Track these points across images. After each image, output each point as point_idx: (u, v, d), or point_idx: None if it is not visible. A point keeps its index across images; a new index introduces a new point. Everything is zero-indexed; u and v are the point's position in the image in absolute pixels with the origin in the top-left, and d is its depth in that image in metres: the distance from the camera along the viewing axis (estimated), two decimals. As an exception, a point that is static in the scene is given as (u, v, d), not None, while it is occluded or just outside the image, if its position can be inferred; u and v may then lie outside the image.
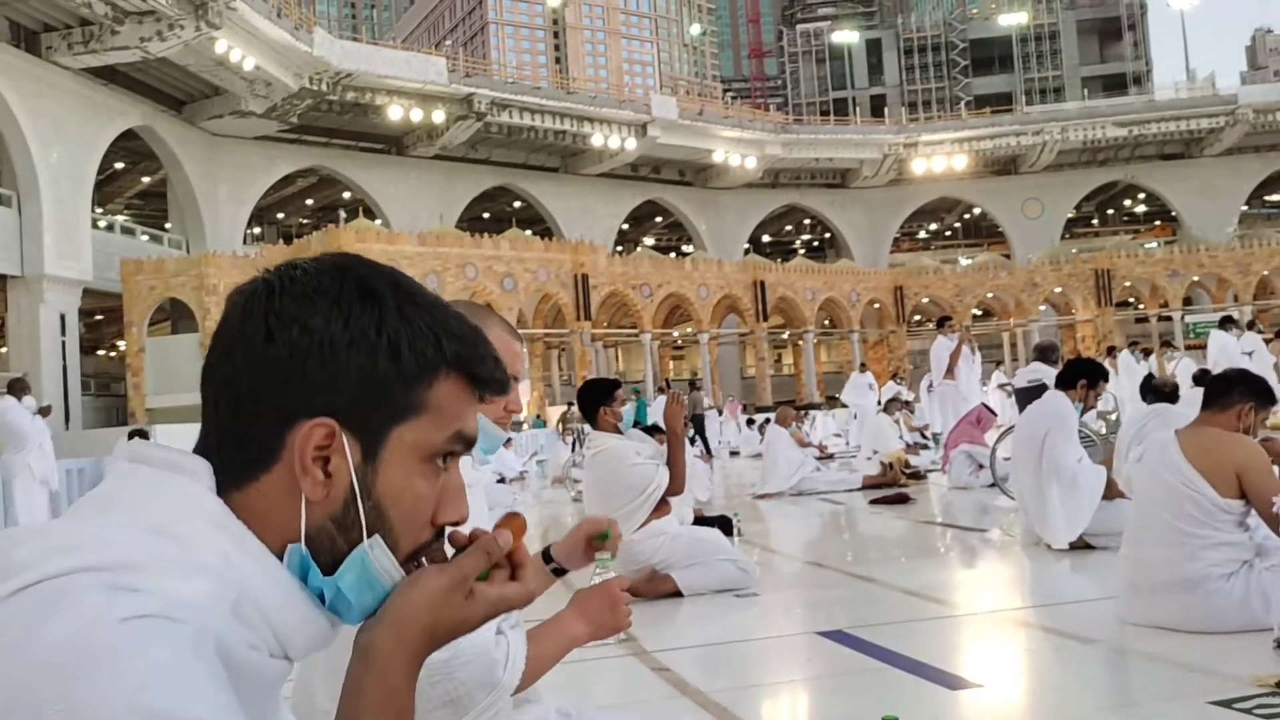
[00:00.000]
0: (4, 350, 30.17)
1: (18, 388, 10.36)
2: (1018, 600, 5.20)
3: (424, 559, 0.93)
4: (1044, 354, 9.66)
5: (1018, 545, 6.28)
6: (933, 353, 12.49)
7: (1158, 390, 7.65)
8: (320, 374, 0.86)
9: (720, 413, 27.46)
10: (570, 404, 30.29)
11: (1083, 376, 5.97)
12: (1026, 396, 8.62)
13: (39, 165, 26.77)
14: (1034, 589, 5.37)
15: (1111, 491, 5.72)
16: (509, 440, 15.14)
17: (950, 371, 11.47)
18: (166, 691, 0.70)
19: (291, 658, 0.89)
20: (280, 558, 0.87)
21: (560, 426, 20.12)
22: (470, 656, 1.67)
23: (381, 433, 0.88)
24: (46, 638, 0.69)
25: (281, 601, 0.85)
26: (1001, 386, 16.39)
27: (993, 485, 9.31)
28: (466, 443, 0.94)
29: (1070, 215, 51.47)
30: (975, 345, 12.18)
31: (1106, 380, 6.41)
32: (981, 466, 10.03)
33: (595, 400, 5.40)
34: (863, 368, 23.02)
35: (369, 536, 0.87)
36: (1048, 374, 8.56)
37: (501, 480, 14.32)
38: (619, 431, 5.46)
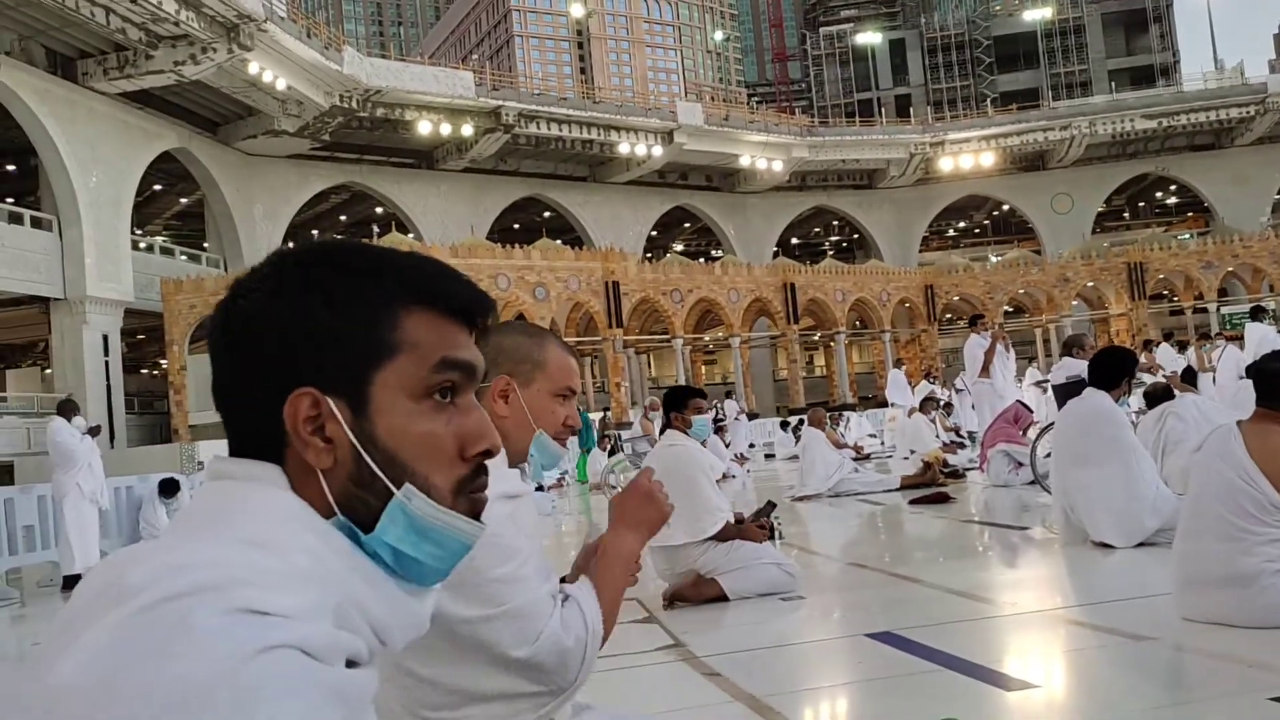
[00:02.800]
0: (49, 372, 30.71)
1: (67, 409, 10.51)
2: (1066, 598, 5.18)
3: (474, 495, 0.93)
4: (1071, 349, 9.61)
5: (1061, 543, 6.25)
6: (966, 351, 12.41)
7: (1148, 394, 7.63)
8: (283, 351, 0.88)
9: (750, 417, 27.36)
10: (606, 410, 30.40)
11: (1123, 373, 5.95)
12: (1065, 393, 8.59)
13: (78, 189, 27.26)
14: (1082, 586, 5.34)
15: None
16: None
17: (985, 370, 11.40)
18: None
19: (394, 649, 0.90)
20: None
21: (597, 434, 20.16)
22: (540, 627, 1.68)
23: (361, 384, 0.89)
24: (173, 673, 0.67)
25: (375, 594, 0.87)
26: (1038, 384, 16.29)
27: (1033, 483, 9.29)
28: (460, 369, 0.93)
29: (1101, 209, 51.01)
30: (1010, 343, 12.09)
31: (1136, 364, 6.40)
32: (1020, 465, 10.00)
33: (669, 408, 5.72)
34: (897, 364, 22.66)
35: (397, 486, 0.88)
36: (1083, 368, 8.52)
37: (540, 488, 14.37)
38: (687, 434, 5.64)
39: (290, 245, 0.98)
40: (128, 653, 0.69)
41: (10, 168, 31.92)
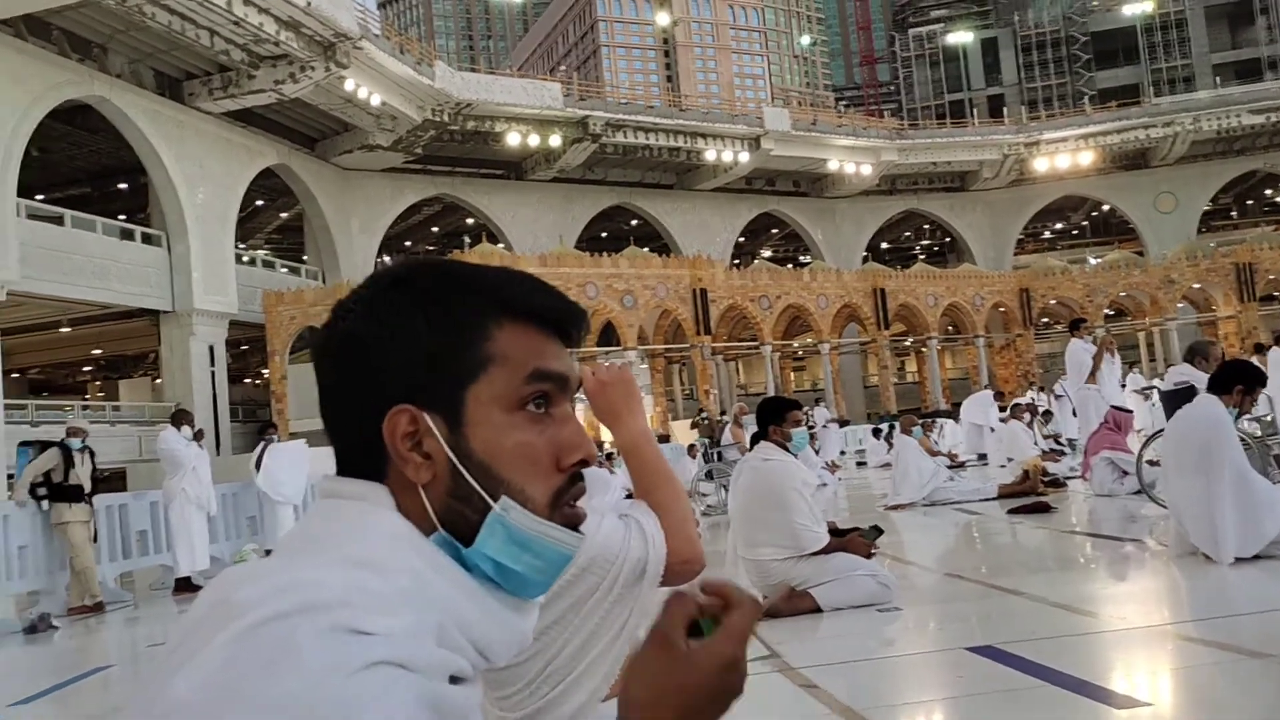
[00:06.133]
0: (159, 382, 31.91)
1: (179, 418, 10.91)
2: (1177, 612, 5.01)
3: (570, 509, 0.94)
4: (1192, 356, 9.28)
5: (1171, 555, 6.05)
6: (1068, 356, 12.09)
7: None
8: (380, 369, 0.90)
9: (841, 424, 27.08)
10: (702, 411, 30.36)
11: (1239, 381, 5.74)
12: (1173, 400, 8.31)
13: (186, 206, 28.32)
14: (1194, 601, 5.17)
15: None
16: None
17: (1093, 375, 11.11)
18: None
19: (496, 665, 0.91)
20: None
21: (698, 435, 20.17)
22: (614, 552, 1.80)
23: (456, 399, 0.90)
24: (279, 689, 0.71)
25: (477, 612, 0.88)
26: (1142, 391, 15.80)
27: (1139, 492, 9.00)
28: (552, 379, 0.94)
29: (1206, 208, 49.22)
30: (1115, 348, 11.78)
31: (1264, 386, 6.14)
32: (1126, 473, 9.70)
33: (766, 418, 5.63)
34: (998, 395, 21.67)
35: (493, 499, 0.89)
36: (1196, 377, 8.23)
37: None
38: (785, 448, 5.56)
39: (385, 261, 0.98)
40: (236, 670, 0.72)
41: (122, 186, 33.30)
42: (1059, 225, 56.49)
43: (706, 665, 0.86)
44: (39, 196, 28.66)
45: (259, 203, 37.08)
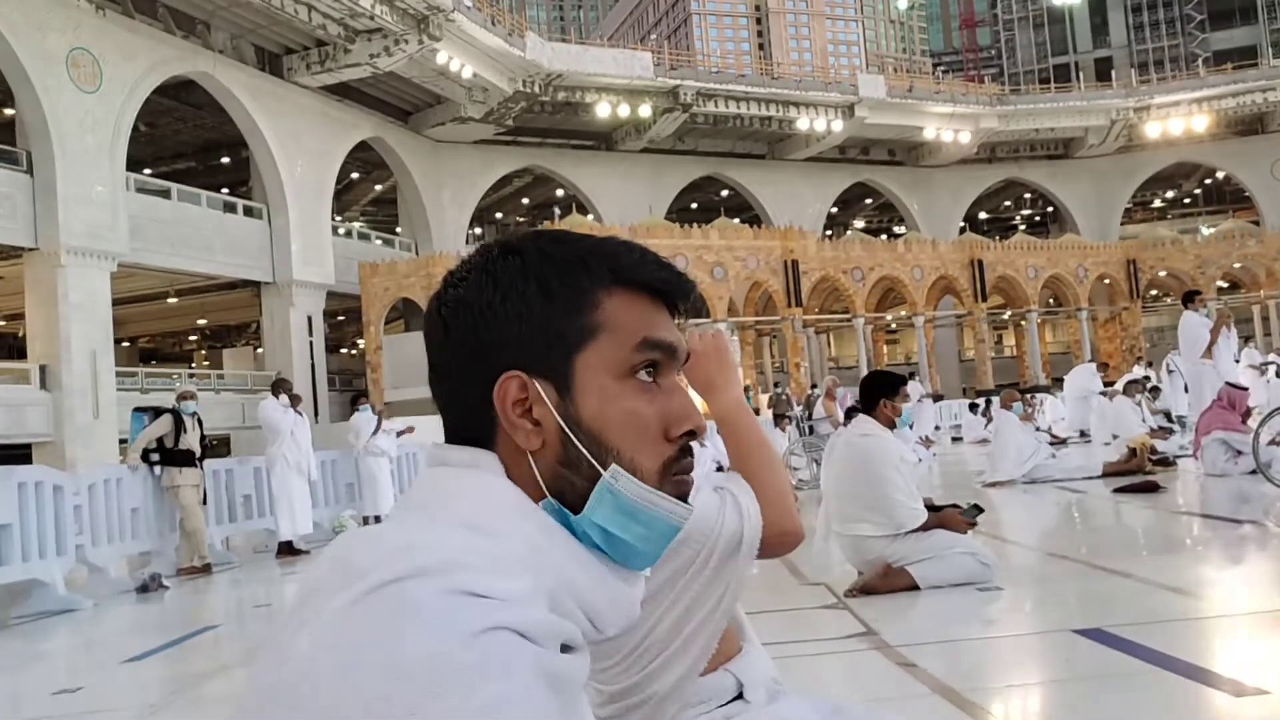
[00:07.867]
0: (260, 351, 32.91)
1: (279, 387, 11.19)
2: (1299, 599, 4.78)
3: (680, 477, 0.93)
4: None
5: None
6: (1182, 330, 11.59)
7: None
8: (490, 336, 0.91)
9: (935, 399, 26.56)
10: (778, 385, 30.13)
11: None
12: (1294, 377, 7.90)
13: (285, 179, 29.04)
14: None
15: None
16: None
17: (1209, 351, 10.64)
18: (510, 717, 0.72)
19: (606, 635, 0.90)
20: None
21: (773, 413, 20.00)
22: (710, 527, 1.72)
23: (565, 366, 0.90)
24: (402, 650, 0.71)
25: (589, 581, 0.88)
26: (1260, 366, 15.14)
27: (1254, 472, 8.63)
28: (662, 349, 0.94)
29: (1330, 175, 46.83)
30: (1232, 322, 11.28)
31: None
32: (1239, 453, 9.29)
33: (877, 391, 5.45)
34: (1102, 366, 21.13)
35: (602, 467, 0.89)
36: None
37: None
38: (893, 426, 5.44)
39: (477, 233, 0.97)
40: (359, 631, 0.73)
41: (225, 159, 34.29)
42: (1169, 193, 54.40)
43: None
44: (146, 170, 29.68)
45: (354, 175, 37.83)
